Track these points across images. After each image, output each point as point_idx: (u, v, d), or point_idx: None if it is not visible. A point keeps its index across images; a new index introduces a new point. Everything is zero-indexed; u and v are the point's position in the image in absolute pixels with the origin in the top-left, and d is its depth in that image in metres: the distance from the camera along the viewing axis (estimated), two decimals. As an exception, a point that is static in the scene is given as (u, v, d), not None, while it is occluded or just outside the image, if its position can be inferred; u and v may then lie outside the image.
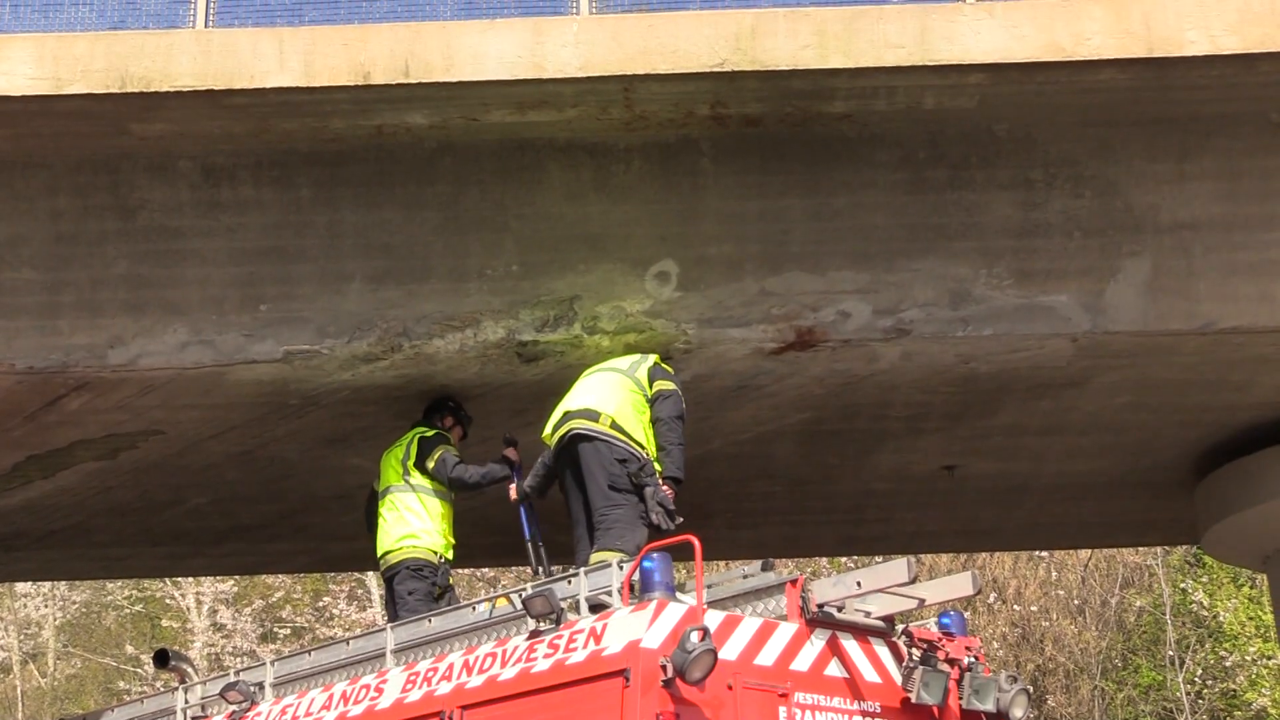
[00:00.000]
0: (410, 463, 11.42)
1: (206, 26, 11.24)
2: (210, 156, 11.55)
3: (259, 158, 11.55)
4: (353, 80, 10.88)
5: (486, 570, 25.36)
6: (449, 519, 11.34)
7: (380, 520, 11.38)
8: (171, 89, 10.90)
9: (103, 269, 11.69)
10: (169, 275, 11.70)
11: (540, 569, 10.77)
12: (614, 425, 10.32)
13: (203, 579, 31.76)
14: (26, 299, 11.68)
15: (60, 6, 11.47)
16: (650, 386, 10.65)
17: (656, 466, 10.35)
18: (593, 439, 10.30)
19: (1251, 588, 22.73)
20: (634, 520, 10.00)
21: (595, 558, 9.46)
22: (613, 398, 10.53)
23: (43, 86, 10.86)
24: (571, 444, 10.41)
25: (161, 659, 12.33)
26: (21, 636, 38.87)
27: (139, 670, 29.28)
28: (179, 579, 31.94)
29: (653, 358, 11.03)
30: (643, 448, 10.36)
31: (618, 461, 10.19)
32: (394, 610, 11.14)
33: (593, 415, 10.44)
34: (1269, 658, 21.94)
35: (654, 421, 10.53)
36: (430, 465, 11.34)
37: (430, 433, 11.63)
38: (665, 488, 10.25)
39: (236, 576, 30.90)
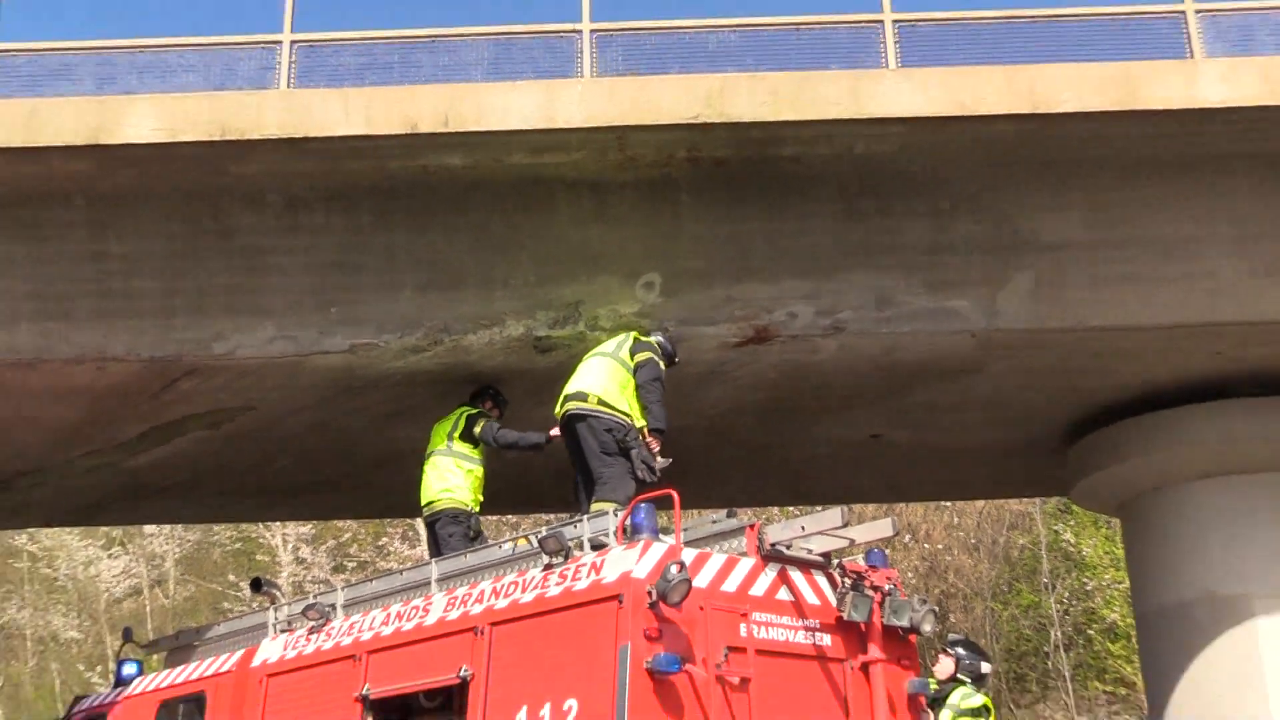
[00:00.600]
0: (456, 433, 11.38)
1: (288, 88, 11.20)
2: (291, 190, 11.49)
3: (329, 191, 11.50)
4: (404, 130, 10.85)
5: (510, 516, 25.29)
6: (480, 480, 11.29)
7: (425, 477, 11.33)
8: (261, 137, 10.87)
9: (207, 279, 11.64)
10: (259, 284, 11.66)
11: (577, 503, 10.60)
12: (600, 402, 10.29)
13: (287, 523, 31.75)
14: (148, 303, 11.63)
15: (174, 72, 11.43)
16: (632, 359, 10.58)
17: (642, 425, 10.31)
18: (585, 416, 10.29)
19: (1108, 529, 22.72)
20: (624, 476, 9.98)
21: (594, 507, 9.45)
22: (599, 378, 10.47)
23: (161, 136, 10.82)
24: (570, 422, 10.39)
25: (256, 585, 12.30)
26: (149, 566, 38.88)
27: (239, 594, 29.26)
28: (269, 523, 31.94)
29: (632, 335, 10.95)
30: (627, 416, 10.29)
31: (605, 431, 10.17)
32: (435, 548, 11.11)
33: (583, 397, 10.40)
34: (1119, 583, 22.00)
35: (637, 387, 10.46)
36: (476, 432, 11.31)
37: (474, 411, 11.59)
38: (651, 440, 10.24)
39: (313, 521, 30.88)
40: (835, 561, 8.78)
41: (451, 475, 11.18)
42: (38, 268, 11.61)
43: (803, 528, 8.60)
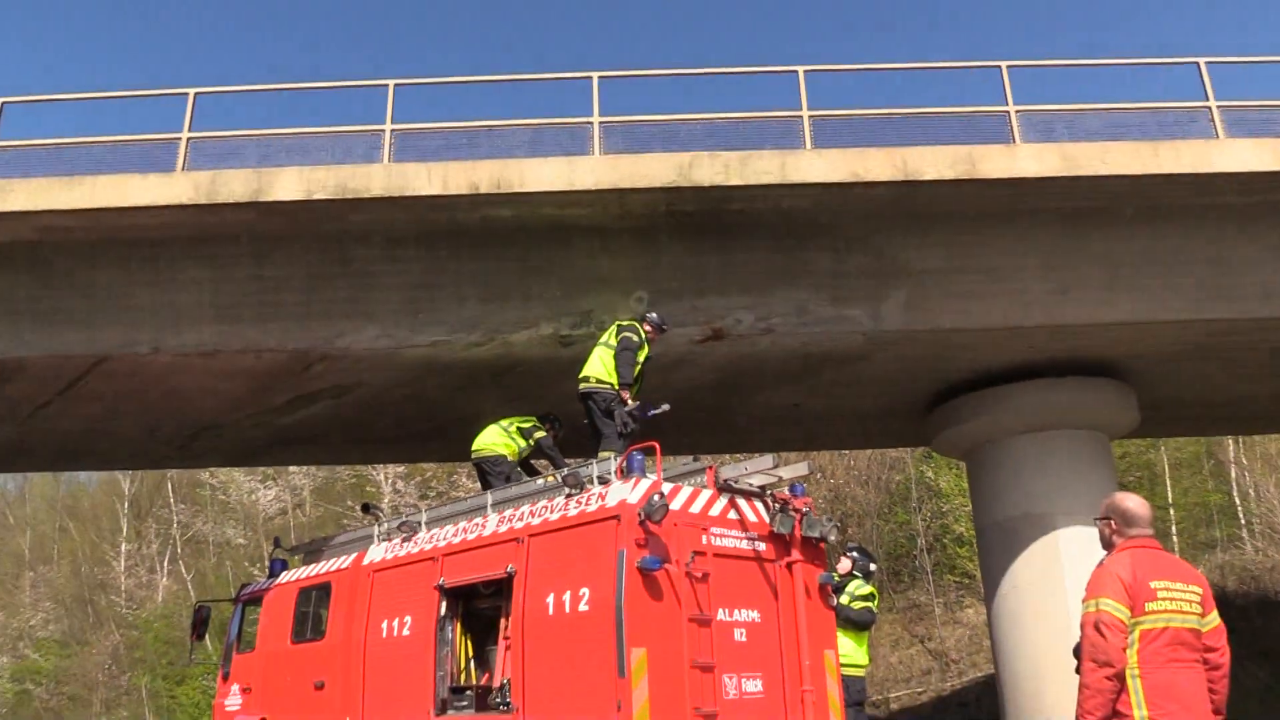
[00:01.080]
0: (514, 429, 11.17)
1: (389, 161, 11.16)
2: (391, 232, 11.46)
3: (416, 232, 11.46)
4: (468, 191, 10.84)
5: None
6: (516, 452, 11.05)
7: (486, 430, 11.19)
8: (370, 196, 10.86)
9: (332, 294, 11.61)
10: (368, 298, 11.62)
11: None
12: (597, 380, 10.11)
13: (387, 464, 31.75)
14: (291, 311, 11.61)
15: (310, 151, 11.40)
16: (615, 340, 10.31)
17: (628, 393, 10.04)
18: (588, 393, 10.13)
19: (957, 469, 22.73)
20: (610, 433, 9.85)
21: (600, 455, 9.41)
22: (595, 363, 10.24)
23: (301, 195, 10.88)
24: (582, 396, 10.21)
25: (365, 508, 12.31)
26: (292, 494, 38.91)
27: (354, 515, 29.22)
28: (375, 464, 31.92)
29: (617, 323, 10.59)
30: (613, 386, 10.04)
31: (602, 400, 10.02)
32: (484, 483, 11.00)
33: (586, 379, 10.22)
34: (965, 506, 22.00)
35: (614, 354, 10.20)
36: (534, 438, 11.07)
37: (542, 428, 11.20)
38: (623, 393, 9.96)
39: (406, 463, 30.88)
40: (768, 492, 8.78)
41: (501, 440, 11.04)
42: (217, 286, 11.59)
43: (745, 468, 8.59)
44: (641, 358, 10.22)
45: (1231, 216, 11.49)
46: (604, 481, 8.22)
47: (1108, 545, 4.81)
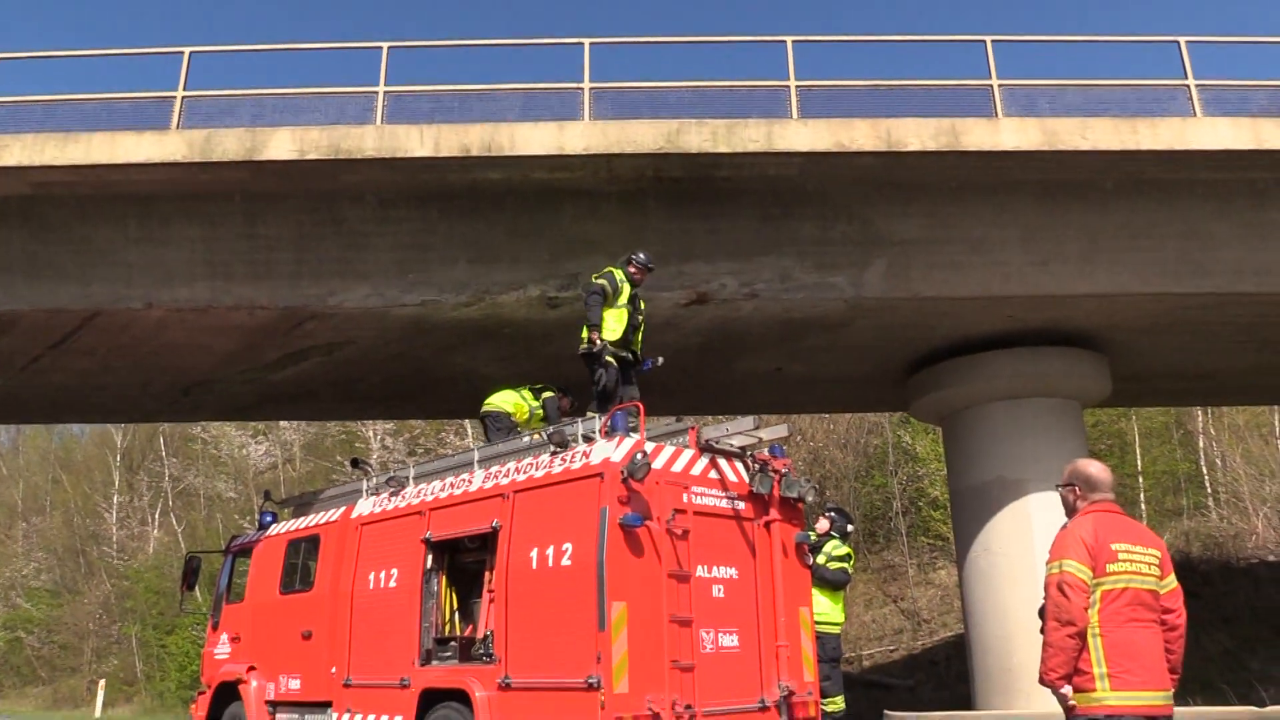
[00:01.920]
0: (533, 387, 11.15)
1: (382, 123, 11.10)
2: (382, 192, 11.43)
3: (408, 193, 11.43)
4: (460, 153, 10.80)
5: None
6: (525, 412, 11.06)
7: (495, 392, 11.18)
8: (362, 157, 10.82)
9: (324, 253, 11.59)
10: (359, 258, 11.61)
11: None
12: (582, 340, 9.78)
13: (376, 421, 31.75)
14: (283, 269, 11.60)
15: (304, 111, 11.33)
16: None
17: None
18: (583, 354, 9.80)
19: (934, 434, 22.88)
20: (602, 390, 9.60)
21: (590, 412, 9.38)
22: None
23: (294, 154, 10.86)
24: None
25: (354, 463, 12.29)
26: (282, 449, 38.88)
27: (343, 469, 29.24)
28: (364, 420, 31.93)
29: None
30: (591, 343, 9.53)
31: (588, 360, 9.72)
32: (488, 438, 11.04)
33: (580, 341, 9.89)
34: (940, 471, 22.15)
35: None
36: (544, 396, 10.98)
37: (553, 392, 11.10)
38: (594, 334, 9.49)
39: (394, 420, 30.88)
40: (748, 453, 8.84)
41: (511, 399, 11.07)
42: (209, 243, 11.56)
43: (727, 430, 8.65)
44: (624, 300, 9.80)
45: (1207, 193, 11.56)
46: (589, 440, 8.27)
47: (1071, 510, 4.90)
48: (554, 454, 8.33)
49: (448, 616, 9.14)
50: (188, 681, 30.54)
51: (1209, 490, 24.76)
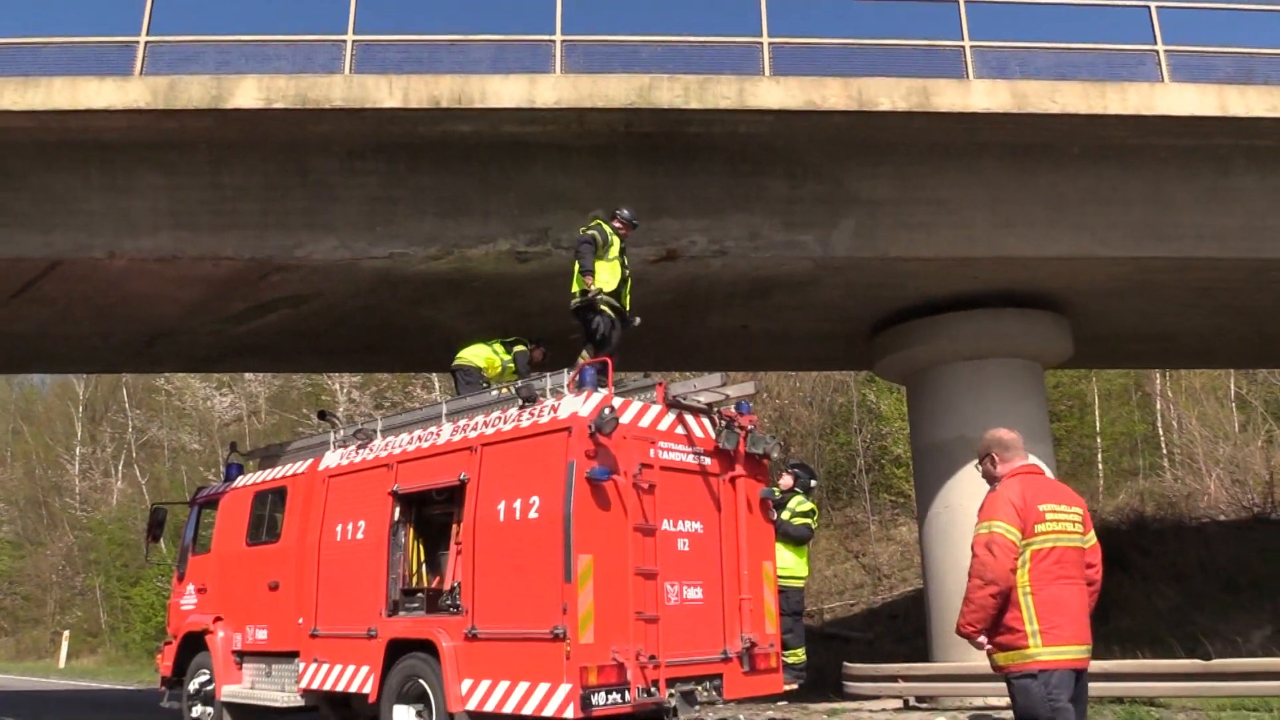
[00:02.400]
0: (498, 345, 11.15)
1: (350, 73, 10.94)
2: (350, 143, 11.28)
3: (376, 145, 11.30)
4: (429, 105, 10.68)
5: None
6: (497, 368, 11.05)
7: (474, 344, 11.16)
8: (330, 107, 10.66)
9: (290, 204, 11.45)
10: (327, 209, 11.49)
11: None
12: (571, 294, 9.72)
13: (343, 374, 31.62)
14: (249, 219, 11.45)
15: (271, 60, 11.12)
16: None
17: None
18: (573, 311, 9.69)
19: (898, 393, 23.09)
20: (589, 340, 9.56)
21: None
22: (574, 279, 9.73)
23: (260, 103, 10.62)
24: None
25: (321, 415, 12.28)
26: (247, 401, 38.66)
27: (309, 422, 29.11)
28: (330, 373, 31.78)
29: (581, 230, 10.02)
30: (585, 292, 9.44)
31: (579, 313, 9.63)
32: (459, 392, 11.03)
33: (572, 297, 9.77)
34: (903, 429, 22.37)
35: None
36: (515, 350, 11.02)
37: (524, 346, 11.14)
38: (587, 280, 9.41)
39: (361, 373, 30.75)
40: (715, 409, 8.92)
41: (483, 353, 11.06)
42: (174, 193, 11.38)
43: (694, 386, 8.72)
44: (614, 253, 9.73)
45: (1171, 159, 11.67)
46: (557, 394, 8.30)
47: (992, 480, 5.02)
48: (522, 408, 8.36)
49: (415, 568, 9.19)
50: (153, 633, 30.54)
51: (1165, 451, 25.24)
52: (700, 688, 7.97)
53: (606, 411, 7.62)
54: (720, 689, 8.15)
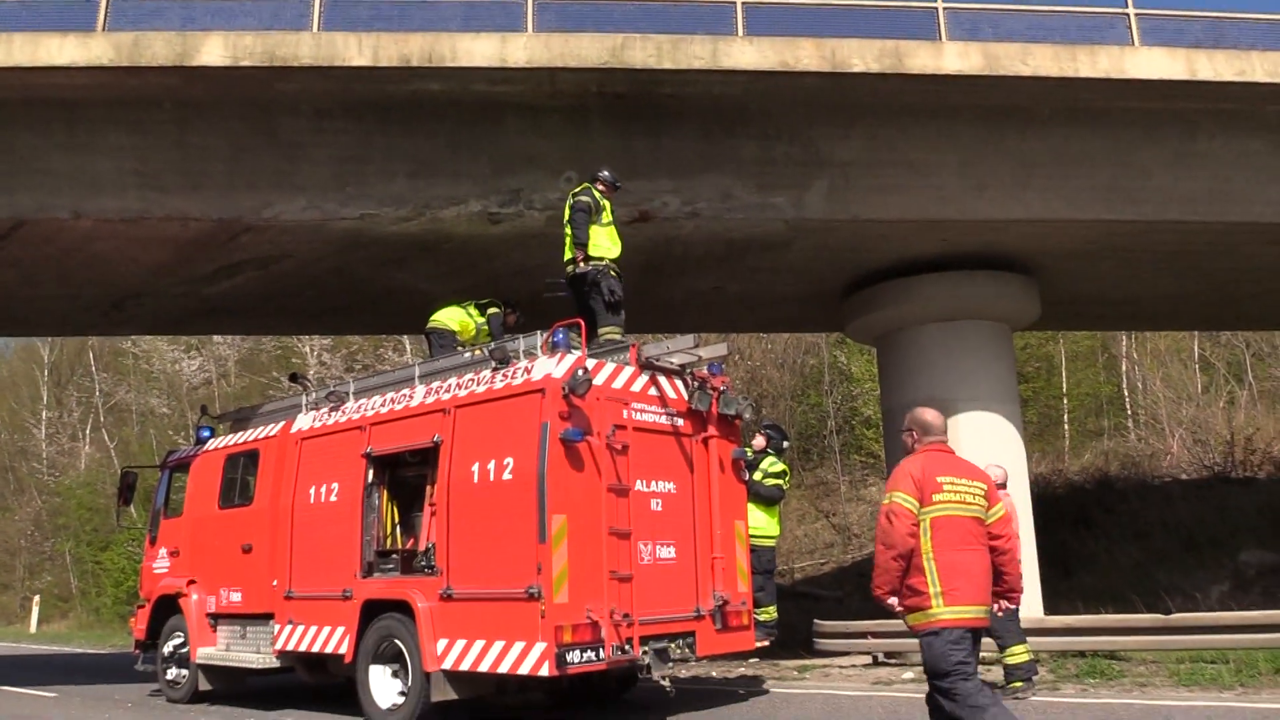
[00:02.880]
0: (472, 307, 11.13)
1: (318, 30, 10.76)
2: (318, 102, 11.13)
3: (345, 104, 11.15)
4: (399, 64, 10.55)
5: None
6: (471, 331, 11.05)
7: (448, 306, 11.14)
8: (298, 65, 10.52)
9: (259, 164, 11.31)
10: (296, 169, 11.35)
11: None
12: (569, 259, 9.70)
13: (314, 336, 31.42)
14: (217, 179, 11.30)
15: (237, 16, 10.93)
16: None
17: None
18: (570, 278, 9.66)
19: (869, 354, 23.23)
20: (598, 305, 9.46)
21: (601, 332, 9.26)
22: (568, 245, 9.72)
23: (227, 61, 10.44)
24: (570, 285, 9.76)
25: (293, 378, 12.21)
26: (216, 364, 38.35)
27: (280, 384, 28.92)
28: (301, 336, 31.55)
29: (571, 194, 9.96)
30: (599, 260, 9.48)
31: (581, 281, 9.62)
32: (432, 354, 11.02)
33: (567, 263, 9.73)
34: (874, 390, 22.54)
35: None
36: (488, 313, 11.04)
37: (498, 309, 11.16)
38: (579, 254, 9.44)
39: (332, 335, 30.57)
40: (688, 370, 8.96)
41: (456, 315, 11.04)
42: (140, 152, 11.20)
43: (667, 347, 8.76)
44: (605, 219, 9.71)
45: (1139, 122, 11.74)
46: (530, 356, 8.31)
47: (909, 452, 5.38)
48: (495, 370, 8.36)
49: (389, 530, 9.22)
50: (124, 597, 30.42)
51: (1129, 412, 25.65)
52: (673, 645, 8.08)
53: (580, 373, 7.64)
54: (693, 646, 8.27)
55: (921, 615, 4.98)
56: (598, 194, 9.84)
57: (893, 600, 5.08)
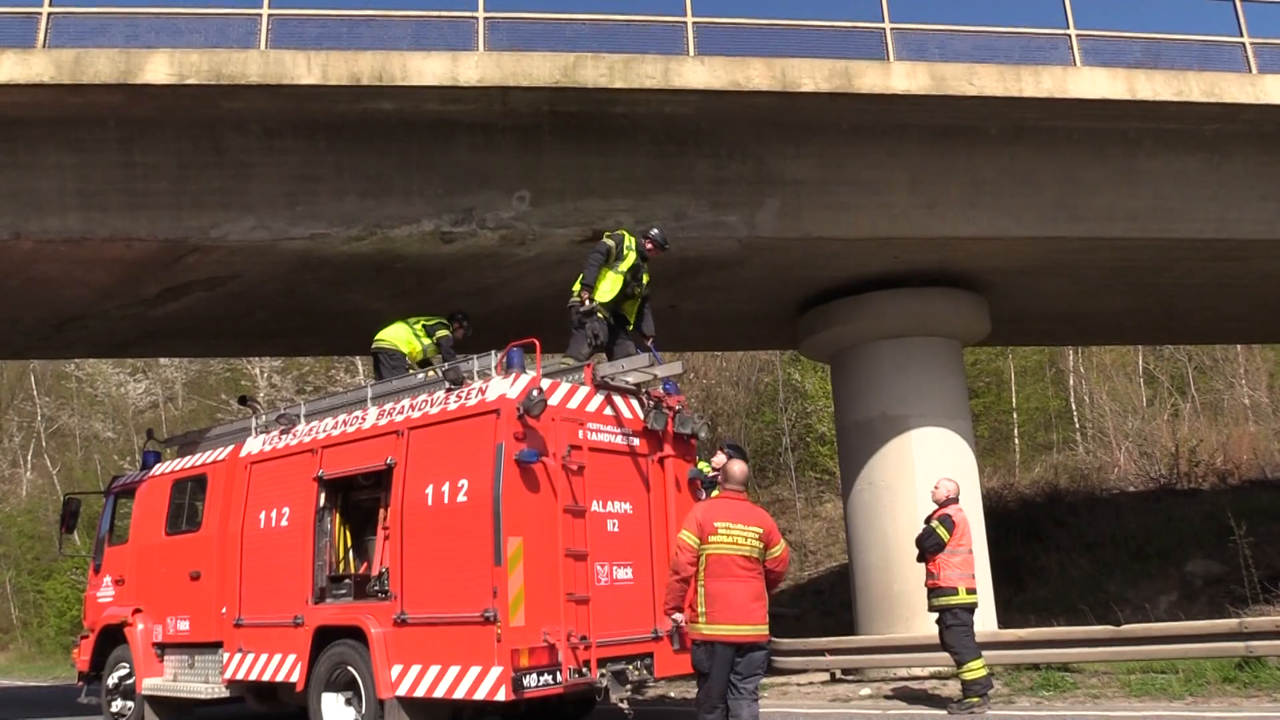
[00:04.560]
0: (419, 326, 11.05)
1: (266, 48, 10.65)
2: (267, 121, 10.98)
3: (295, 123, 11.01)
4: (349, 82, 10.44)
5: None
6: (418, 352, 10.95)
7: (386, 326, 11.04)
8: (245, 83, 10.36)
9: (206, 184, 11.13)
10: (244, 189, 11.18)
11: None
12: (574, 292, 9.71)
13: (264, 358, 30.99)
14: (164, 200, 11.09)
15: (183, 33, 10.76)
16: None
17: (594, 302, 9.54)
18: (569, 306, 9.67)
19: (822, 372, 23.38)
20: (579, 341, 9.43)
21: (561, 359, 9.31)
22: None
23: (172, 79, 10.24)
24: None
25: (242, 400, 12.10)
26: (163, 387, 37.67)
27: (229, 408, 28.46)
28: (250, 358, 31.09)
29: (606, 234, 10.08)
30: (580, 300, 9.52)
31: (573, 310, 9.62)
32: (378, 375, 10.91)
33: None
34: (828, 407, 22.67)
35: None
36: (436, 336, 11.00)
37: (446, 326, 11.19)
38: (585, 295, 9.51)
39: (282, 357, 30.15)
40: (643, 389, 8.94)
41: (404, 335, 10.95)
42: (82, 171, 10.96)
43: (622, 366, 8.75)
44: (625, 267, 9.76)
45: (1083, 141, 11.96)
46: (484, 376, 8.24)
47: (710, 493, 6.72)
48: (449, 391, 8.28)
49: (341, 555, 9.08)
50: (67, 627, 29.67)
51: (1077, 426, 26.06)
52: (631, 667, 8.03)
53: (535, 393, 7.60)
54: (651, 668, 8.22)
55: (694, 628, 6.27)
56: (632, 244, 9.90)
57: (679, 615, 6.35)
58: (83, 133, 10.84)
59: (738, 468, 6.64)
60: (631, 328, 10.21)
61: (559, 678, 7.34)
